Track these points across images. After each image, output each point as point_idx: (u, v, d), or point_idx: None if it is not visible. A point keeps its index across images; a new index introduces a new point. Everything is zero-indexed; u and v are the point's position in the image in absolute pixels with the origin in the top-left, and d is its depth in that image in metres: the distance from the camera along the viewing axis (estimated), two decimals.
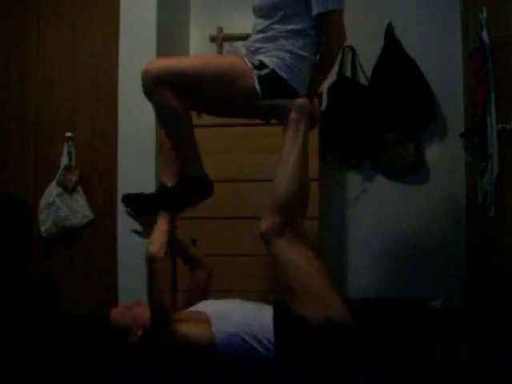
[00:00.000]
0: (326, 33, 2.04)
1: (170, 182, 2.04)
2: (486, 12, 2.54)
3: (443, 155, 3.07)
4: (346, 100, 2.99)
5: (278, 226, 1.94)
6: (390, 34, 3.04)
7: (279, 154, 2.25)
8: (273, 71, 1.96)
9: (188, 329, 1.89)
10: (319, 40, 2.07)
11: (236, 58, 2.03)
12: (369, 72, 3.05)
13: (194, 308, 2.09)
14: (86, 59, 2.90)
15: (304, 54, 2.00)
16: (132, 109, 2.72)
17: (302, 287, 1.92)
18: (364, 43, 3.08)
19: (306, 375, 1.79)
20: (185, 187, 2.00)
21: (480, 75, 2.53)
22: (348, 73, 3.09)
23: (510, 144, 2.32)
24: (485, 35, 2.51)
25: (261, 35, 2.02)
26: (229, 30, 3.17)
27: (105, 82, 2.88)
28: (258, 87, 1.95)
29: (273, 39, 1.98)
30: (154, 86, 1.84)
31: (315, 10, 1.95)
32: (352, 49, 3.08)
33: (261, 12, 2.03)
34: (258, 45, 2.02)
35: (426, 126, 3.03)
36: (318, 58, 2.09)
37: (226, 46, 3.17)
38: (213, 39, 3.25)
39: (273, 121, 2.69)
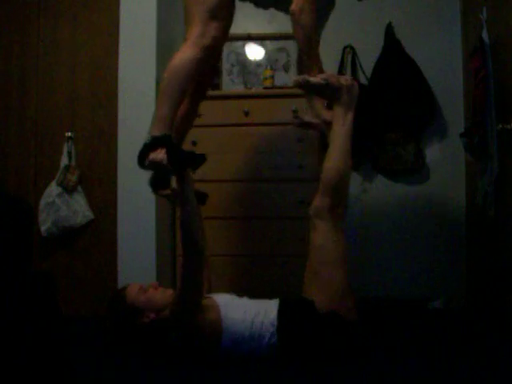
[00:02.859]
0: None
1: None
2: (486, 12, 2.54)
3: (443, 155, 3.07)
4: None
5: (327, 206, 1.99)
6: (390, 33, 3.04)
7: (279, 154, 2.25)
8: None
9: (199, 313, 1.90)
10: None
11: None
12: (369, 72, 3.05)
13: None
14: (86, 59, 2.90)
15: None
16: (132, 109, 2.72)
17: (327, 273, 1.95)
18: (364, 43, 3.08)
19: (306, 376, 1.79)
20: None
21: (480, 75, 2.53)
22: (348, 73, 3.09)
23: (510, 144, 2.32)
24: (485, 35, 2.51)
25: None
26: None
27: (105, 82, 2.88)
28: None
29: None
30: None
31: None
32: (352, 49, 3.08)
33: None
34: None
35: (426, 126, 3.03)
36: None
37: (226, 45, 3.16)
38: None
39: (271, 121, 2.70)
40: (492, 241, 2.58)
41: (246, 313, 1.92)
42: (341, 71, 3.06)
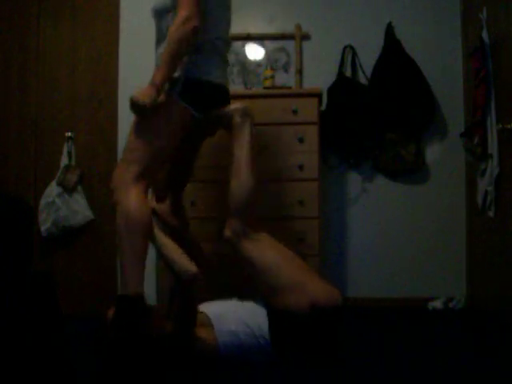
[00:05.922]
0: None
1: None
2: (486, 12, 2.54)
3: (443, 155, 3.07)
4: (346, 100, 2.99)
5: (239, 228, 2.01)
6: (390, 33, 3.04)
7: (279, 154, 2.24)
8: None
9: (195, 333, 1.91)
10: None
11: None
12: (369, 72, 3.05)
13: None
14: (86, 59, 2.90)
15: None
16: None
17: (275, 279, 1.94)
18: (364, 43, 3.08)
19: (305, 376, 1.79)
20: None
21: (480, 75, 2.53)
22: (348, 73, 3.09)
23: (510, 144, 2.32)
24: (485, 35, 2.52)
25: None
26: None
27: (105, 82, 2.88)
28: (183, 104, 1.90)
29: None
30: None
31: None
32: (352, 49, 3.08)
33: None
34: None
35: (426, 126, 3.03)
36: None
37: None
38: None
39: (271, 121, 2.70)
40: (492, 241, 2.58)
41: (238, 325, 1.92)
42: (341, 71, 3.06)
